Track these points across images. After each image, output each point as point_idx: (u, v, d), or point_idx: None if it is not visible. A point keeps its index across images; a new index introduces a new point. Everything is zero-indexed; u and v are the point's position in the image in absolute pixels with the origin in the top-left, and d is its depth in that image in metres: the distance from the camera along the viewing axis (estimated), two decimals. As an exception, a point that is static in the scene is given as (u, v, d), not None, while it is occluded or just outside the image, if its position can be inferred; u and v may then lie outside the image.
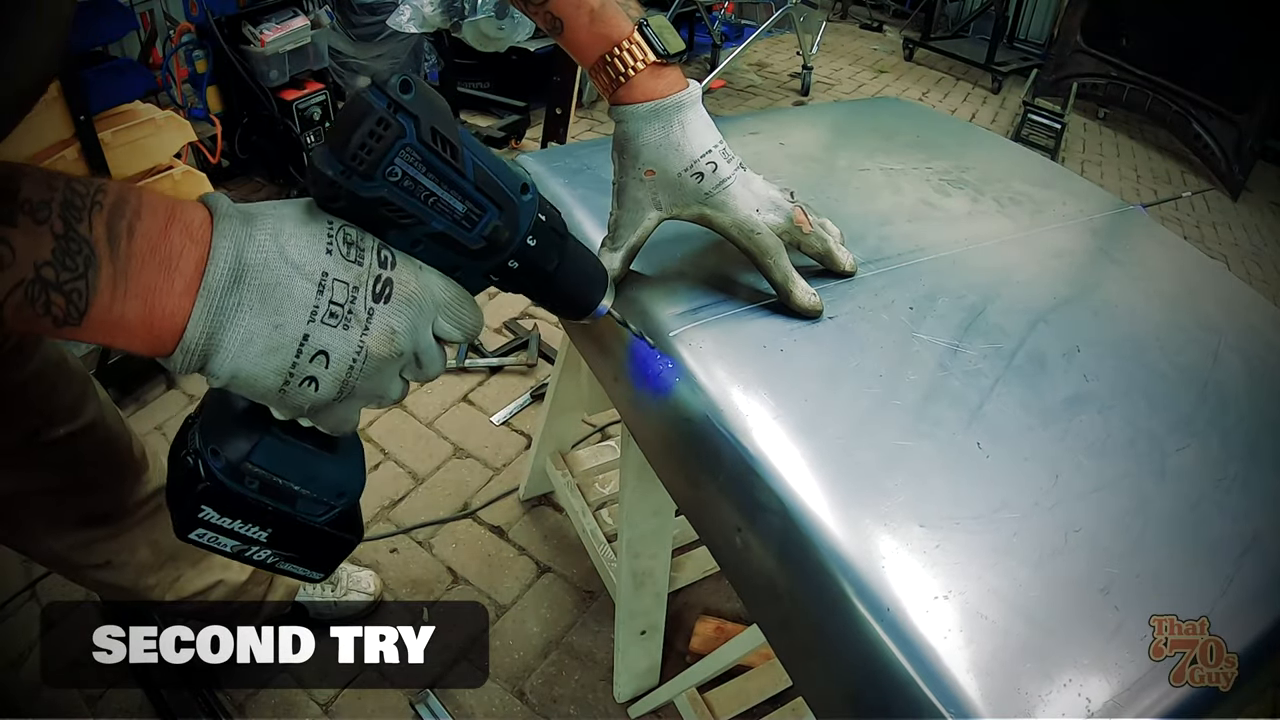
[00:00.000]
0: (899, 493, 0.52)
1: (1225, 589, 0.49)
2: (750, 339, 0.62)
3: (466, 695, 1.24)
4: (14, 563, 1.40)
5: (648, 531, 1.03)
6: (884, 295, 0.68)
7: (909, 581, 0.47)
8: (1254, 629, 0.48)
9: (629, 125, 0.59)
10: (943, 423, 0.57)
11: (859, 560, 0.48)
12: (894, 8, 5.90)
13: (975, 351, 0.63)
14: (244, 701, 1.21)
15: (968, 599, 0.46)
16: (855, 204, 0.81)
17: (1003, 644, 0.44)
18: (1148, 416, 0.61)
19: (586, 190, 0.76)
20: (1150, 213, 0.95)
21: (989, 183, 0.87)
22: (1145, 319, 0.72)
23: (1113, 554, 0.50)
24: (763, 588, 0.54)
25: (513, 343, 1.96)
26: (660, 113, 0.58)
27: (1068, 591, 0.47)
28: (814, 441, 0.55)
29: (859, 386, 0.59)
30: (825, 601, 0.48)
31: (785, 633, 0.53)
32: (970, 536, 0.50)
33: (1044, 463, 0.55)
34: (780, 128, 0.96)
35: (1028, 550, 0.49)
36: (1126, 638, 0.45)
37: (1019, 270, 0.75)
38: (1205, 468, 0.58)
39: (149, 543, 0.95)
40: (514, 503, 1.57)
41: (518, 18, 2.62)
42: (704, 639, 1.31)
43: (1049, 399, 0.60)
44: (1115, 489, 0.54)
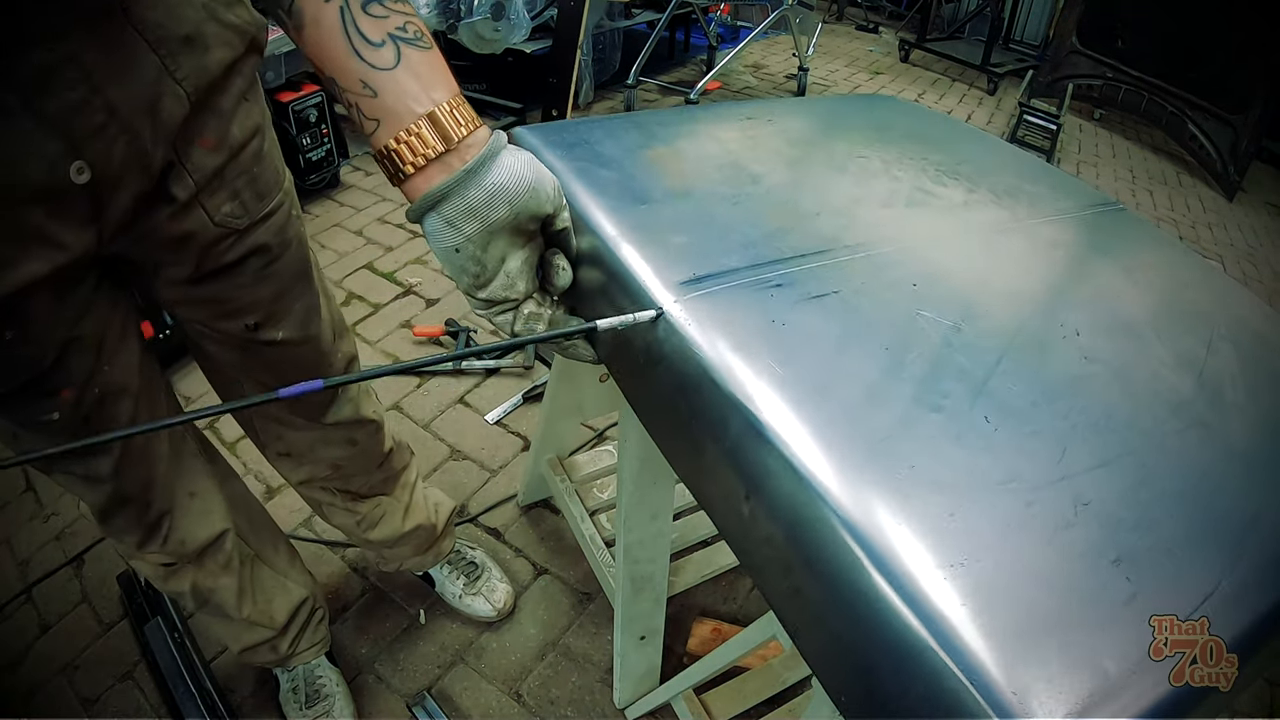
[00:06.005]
0: (911, 461, 0.51)
1: (1234, 564, 0.49)
2: (752, 310, 0.61)
3: (463, 697, 1.23)
4: (10, 566, 1.40)
5: (646, 536, 1.03)
6: (885, 274, 0.67)
7: (925, 549, 0.46)
8: (1269, 598, 0.48)
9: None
10: (950, 395, 0.57)
11: (873, 526, 0.47)
12: (890, 9, 5.92)
13: (977, 330, 0.63)
14: (244, 701, 1.21)
15: (984, 567, 0.45)
16: (854, 187, 0.81)
17: (1020, 612, 0.44)
18: (1148, 398, 0.61)
19: (584, 163, 0.75)
20: (1143, 213, 0.95)
21: (984, 176, 0.87)
22: (1140, 308, 0.72)
23: (1122, 527, 0.50)
24: (771, 557, 0.53)
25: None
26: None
27: (1081, 562, 0.47)
28: (823, 408, 0.54)
29: (865, 358, 0.59)
30: (838, 569, 0.47)
31: (795, 603, 0.52)
32: (983, 506, 0.49)
33: (1050, 438, 0.55)
34: (775, 113, 0.96)
35: (1039, 521, 0.49)
36: (1140, 608, 0.45)
37: (1016, 258, 0.75)
38: (1207, 448, 0.58)
39: (327, 463, 1.04)
40: (511, 505, 1.57)
41: (514, 19, 2.62)
42: (701, 640, 1.32)
43: (1051, 378, 0.60)
44: (1120, 465, 0.54)
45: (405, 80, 0.54)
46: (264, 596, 1.04)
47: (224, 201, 0.70)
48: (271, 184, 0.76)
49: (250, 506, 1.05)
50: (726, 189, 0.76)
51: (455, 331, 1.98)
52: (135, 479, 0.81)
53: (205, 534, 0.91)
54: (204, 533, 0.91)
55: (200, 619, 1.12)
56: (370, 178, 2.74)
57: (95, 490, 0.79)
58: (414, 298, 2.15)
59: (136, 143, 0.60)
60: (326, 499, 1.10)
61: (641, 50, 3.35)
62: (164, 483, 0.84)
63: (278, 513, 1.46)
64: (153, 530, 0.86)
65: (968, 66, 4.57)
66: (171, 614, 1.25)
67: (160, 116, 0.61)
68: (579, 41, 2.80)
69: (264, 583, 1.04)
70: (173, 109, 0.62)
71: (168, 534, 0.87)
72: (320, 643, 1.17)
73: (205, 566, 0.93)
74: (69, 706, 1.19)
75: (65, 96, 0.55)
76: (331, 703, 1.16)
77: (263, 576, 1.04)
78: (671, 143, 0.84)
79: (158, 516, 0.85)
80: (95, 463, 0.76)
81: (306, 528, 1.48)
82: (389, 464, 1.12)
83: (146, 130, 0.60)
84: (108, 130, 0.58)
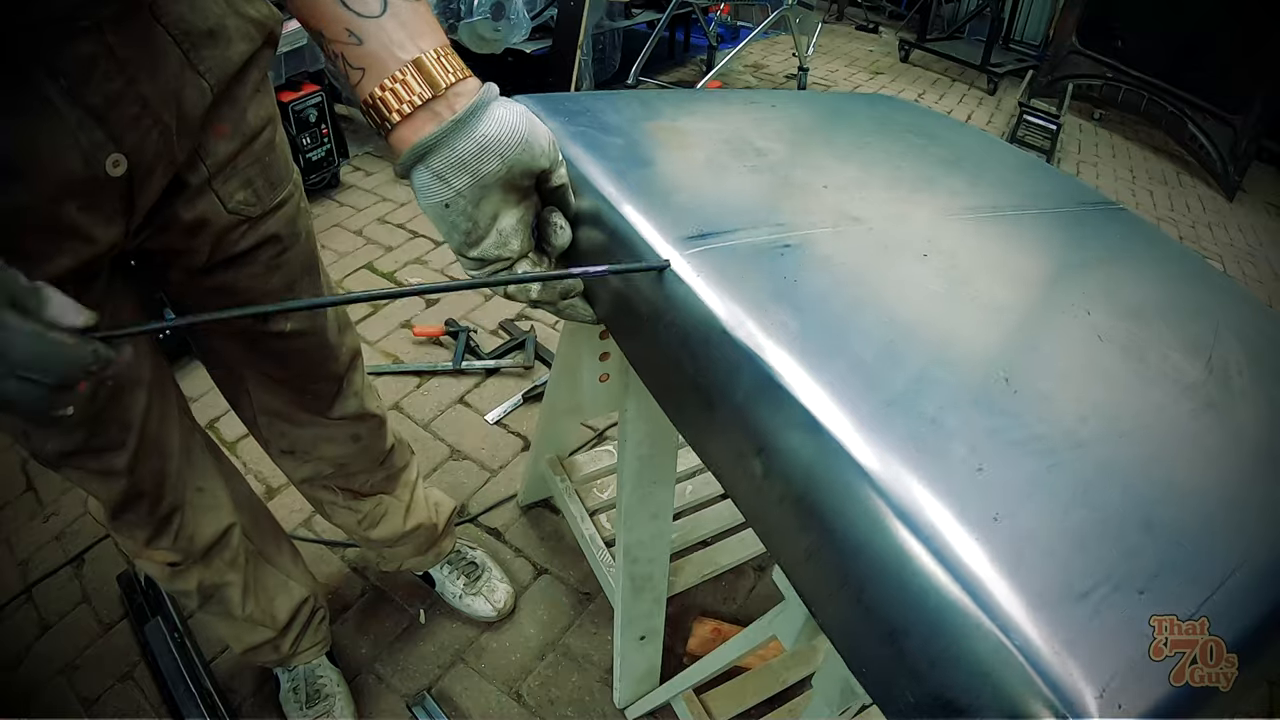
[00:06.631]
0: (933, 414, 0.49)
1: (1247, 551, 0.48)
2: (762, 266, 0.60)
3: (463, 697, 1.23)
4: (10, 566, 1.40)
5: (646, 536, 1.03)
6: (895, 246, 0.67)
7: (954, 504, 0.43)
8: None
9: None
10: (968, 357, 0.56)
11: (898, 480, 0.44)
12: (890, 9, 5.92)
13: (990, 302, 0.63)
14: (244, 702, 1.21)
15: (1016, 523, 0.43)
16: (859, 171, 0.80)
17: (1057, 572, 0.42)
18: (1160, 379, 0.60)
19: (586, 128, 0.74)
20: (1143, 213, 0.95)
21: (985, 169, 0.87)
22: (1145, 298, 0.71)
23: (1147, 494, 0.49)
24: (785, 517, 0.50)
25: (509, 344, 1.96)
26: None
27: (1110, 524, 0.45)
28: (839, 361, 0.52)
29: (878, 318, 0.57)
30: (861, 526, 0.44)
31: (813, 566, 0.49)
32: (1010, 464, 0.47)
33: (1069, 404, 0.54)
34: (778, 100, 0.96)
35: (1065, 482, 0.47)
36: (1177, 575, 0.43)
37: (1023, 242, 0.75)
38: (1220, 430, 0.58)
39: (330, 460, 1.04)
40: (511, 505, 1.57)
41: (514, 19, 2.62)
42: (701, 640, 1.32)
43: (1066, 350, 0.60)
44: (1139, 437, 0.54)
45: (391, 28, 0.54)
46: (266, 595, 1.04)
47: (237, 189, 0.71)
48: (283, 174, 0.77)
49: (253, 505, 1.05)
50: (732, 160, 0.75)
51: (455, 331, 1.98)
52: (149, 472, 0.81)
53: (212, 529, 0.91)
54: (211, 528, 0.91)
55: (201, 619, 1.12)
56: (370, 178, 2.74)
57: (109, 485, 0.79)
58: (414, 297, 2.15)
59: (166, 134, 0.61)
60: (329, 497, 1.10)
61: (641, 50, 3.35)
62: (176, 477, 0.85)
63: (278, 513, 1.45)
64: (164, 525, 0.86)
65: (968, 66, 4.57)
66: (171, 614, 1.25)
67: (184, 108, 0.62)
68: (579, 41, 2.80)
69: (267, 581, 1.04)
70: (196, 100, 0.63)
71: (179, 529, 0.87)
72: (321, 642, 1.17)
73: (212, 564, 0.94)
74: (69, 706, 1.19)
75: (105, 87, 0.55)
76: (332, 703, 1.16)
77: (265, 575, 1.04)
78: (676, 117, 0.83)
79: (169, 510, 0.86)
80: (111, 457, 0.76)
81: (306, 528, 1.48)
82: (390, 461, 1.12)
83: (173, 121, 0.61)
84: (142, 121, 0.59)
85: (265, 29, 0.68)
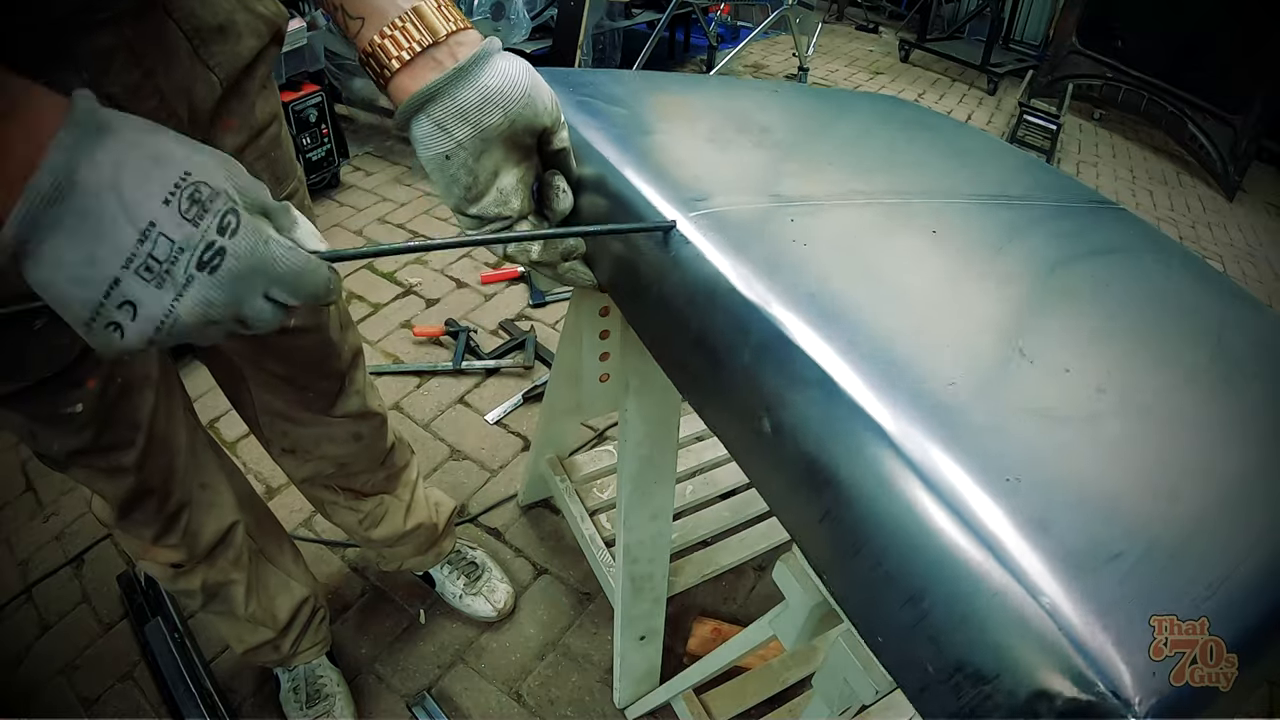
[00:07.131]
0: (950, 378, 0.48)
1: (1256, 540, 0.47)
2: (769, 229, 0.59)
3: (463, 697, 1.23)
4: (10, 566, 1.40)
5: (646, 536, 1.03)
6: (903, 221, 0.67)
7: (974, 463, 0.42)
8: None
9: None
10: (983, 329, 0.55)
11: (915, 437, 0.43)
12: (890, 9, 5.92)
13: (1002, 276, 0.62)
14: (244, 702, 1.21)
15: (1037, 482, 0.42)
16: (862, 155, 0.80)
17: (1081, 535, 0.41)
18: (1168, 360, 0.60)
19: (589, 99, 0.74)
20: (1143, 213, 0.95)
21: (987, 165, 0.87)
22: (1149, 287, 0.71)
23: (1169, 466, 0.48)
24: (796, 480, 0.49)
25: (509, 344, 1.96)
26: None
27: (1134, 491, 0.45)
28: (851, 320, 0.51)
29: (893, 286, 0.57)
30: (878, 485, 0.43)
31: (826, 529, 0.47)
32: (1028, 429, 0.47)
33: (1084, 376, 0.53)
34: (780, 87, 0.96)
35: (1086, 449, 0.47)
36: (1206, 543, 0.43)
37: (1028, 230, 0.74)
38: (1229, 416, 0.57)
39: (332, 459, 1.03)
40: (511, 505, 1.57)
41: (514, 19, 2.62)
42: (701, 640, 1.32)
43: (1078, 327, 0.60)
44: (1155, 412, 0.53)
45: None
46: (268, 594, 1.04)
47: None
48: (289, 170, 0.77)
49: (255, 504, 1.05)
50: (736, 135, 0.75)
51: (455, 331, 1.97)
52: (157, 469, 0.81)
53: (216, 526, 0.91)
54: (215, 525, 0.91)
55: (202, 619, 1.12)
56: (370, 178, 2.74)
57: (117, 483, 0.79)
58: (414, 298, 2.15)
59: (180, 127, 0.61)
60: (329, 497, 1.11)
61: (641, 50, 3.35)
62: (183, 473, 0.85)
63: (278, 513, 1.45)
64: (172, 522, 0.86)
65: (968, 66, 4.58)
66: (171, 614, 1.25)
67: (194, 102, 0.62)
68: (579, 41, 2.80)
69: (268, 580, 1.05)
70: (205, 94, 0.63)
71: (185, 525, 0.87)
72: (321, 642, 1.17)
73: (216, 563, 0.94)
74: (69, 706, 1.19)
75: (123, 78, 0.56)
76: (332, 703, 1.16)
77: (267, 574, 1.05)
78: (680, 94, 0.83)
79: (177, 507, 0.86)
80: (120, 455, 0.76)
81: (307, 528, 1.48)
82: (391, 461, 1.12)
83: (185, 115, 0.62)
84: (158, 114, 0.59)
85: (273, 26, 0.69)
